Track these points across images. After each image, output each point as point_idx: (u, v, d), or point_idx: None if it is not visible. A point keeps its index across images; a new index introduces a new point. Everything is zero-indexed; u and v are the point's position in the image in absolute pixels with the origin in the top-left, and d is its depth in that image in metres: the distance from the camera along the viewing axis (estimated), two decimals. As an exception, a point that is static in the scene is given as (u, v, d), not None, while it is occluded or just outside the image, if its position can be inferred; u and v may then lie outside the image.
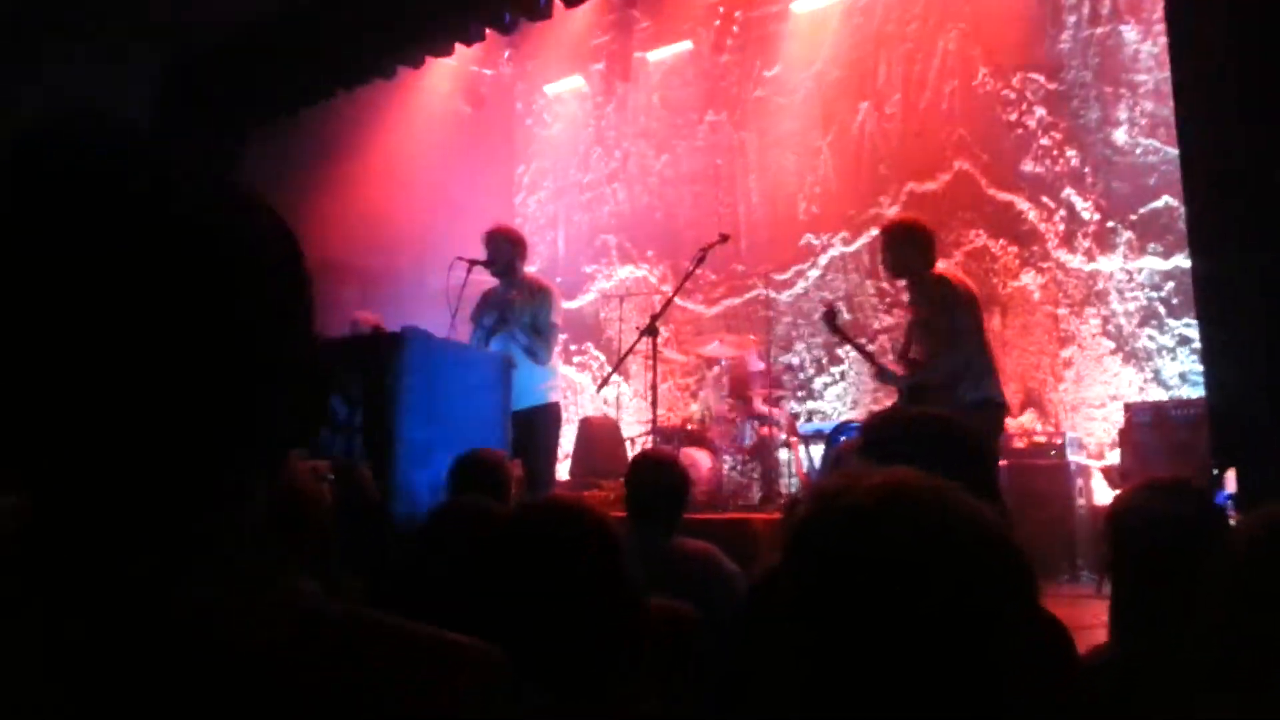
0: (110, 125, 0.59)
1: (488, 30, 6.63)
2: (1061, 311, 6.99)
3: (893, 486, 0.87)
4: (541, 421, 4.88)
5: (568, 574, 1.29)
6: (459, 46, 6.85)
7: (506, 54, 9.53)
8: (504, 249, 5.11)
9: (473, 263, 5.11)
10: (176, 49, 6.68)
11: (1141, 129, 6.74)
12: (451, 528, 1.85)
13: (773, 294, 8.17)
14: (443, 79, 8.96)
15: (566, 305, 9.05)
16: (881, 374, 4.66)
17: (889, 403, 7.35)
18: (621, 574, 1.34)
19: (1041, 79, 7.23)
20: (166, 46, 6.64)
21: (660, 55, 9.41)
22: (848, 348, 6.70)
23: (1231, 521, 1.77)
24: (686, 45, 9.24)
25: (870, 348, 5.73)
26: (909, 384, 4.43)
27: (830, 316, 4.88)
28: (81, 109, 0.59)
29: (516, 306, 5.01)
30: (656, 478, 2.87)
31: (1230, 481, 3.09)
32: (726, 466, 6.74)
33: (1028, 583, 0.86)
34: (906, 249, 4.47)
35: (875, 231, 7.89)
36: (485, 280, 5.23)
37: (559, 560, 1.30)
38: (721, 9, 8.90)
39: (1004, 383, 4.67)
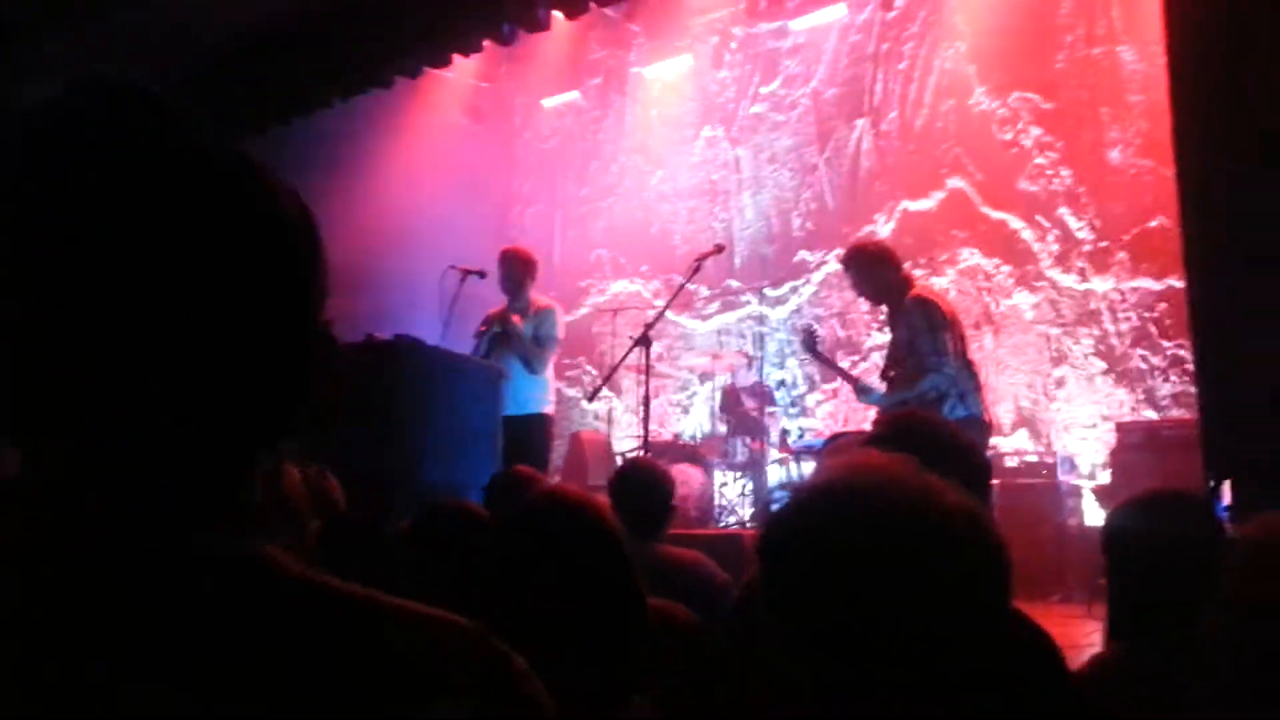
0: (136, 94, 0.59)
1: (486, 42, 6.64)
2: (1054, 331, 6.99)
3: (856, 476, 0.86)
4: (533, 430, 4.91)
5: (575, 567, 1.27)
6: (457, 58, 6.86)
7: (504, 68, 9.55)
8: (516, 269, 5.24)
9: (466, 272, 5.13)
10: (175, 57, 6.67)
11: (1136, 149, 6.77)
12: (435, 532, 1.83)
13: (766, 310, 8.17)
14: (441, 90, 8.97)
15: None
16: (863, 393, 4.63)
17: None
18: (627, 569, 1.32)
19: (1038, 98, 7.26)
20: (165, 54, 6.63)
21: (657, 70, 9.44)
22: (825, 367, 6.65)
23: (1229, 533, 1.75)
24: (684, 61, 9.27)
25: (848, 367, 5.73)
26: (891, 403, 4.42)
27: (809, 339, 4.85)
28: (106, 78, 0.59)
29: (520, 325, 5.07)
30: (642, 484, 2.86)
31: (1226, 494, 3.08)
32: (718, 482, 6.71)
33: (1001, 567, 0.84)
34: (881, 271, 4.43)
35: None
36: (478, 291, 5.24)
37: (566, 554, 1.28)
38: (719, 25, 8.93)
39: (993, 401, 4.64)
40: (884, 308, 4.72)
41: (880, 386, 4.61)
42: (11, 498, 0.56)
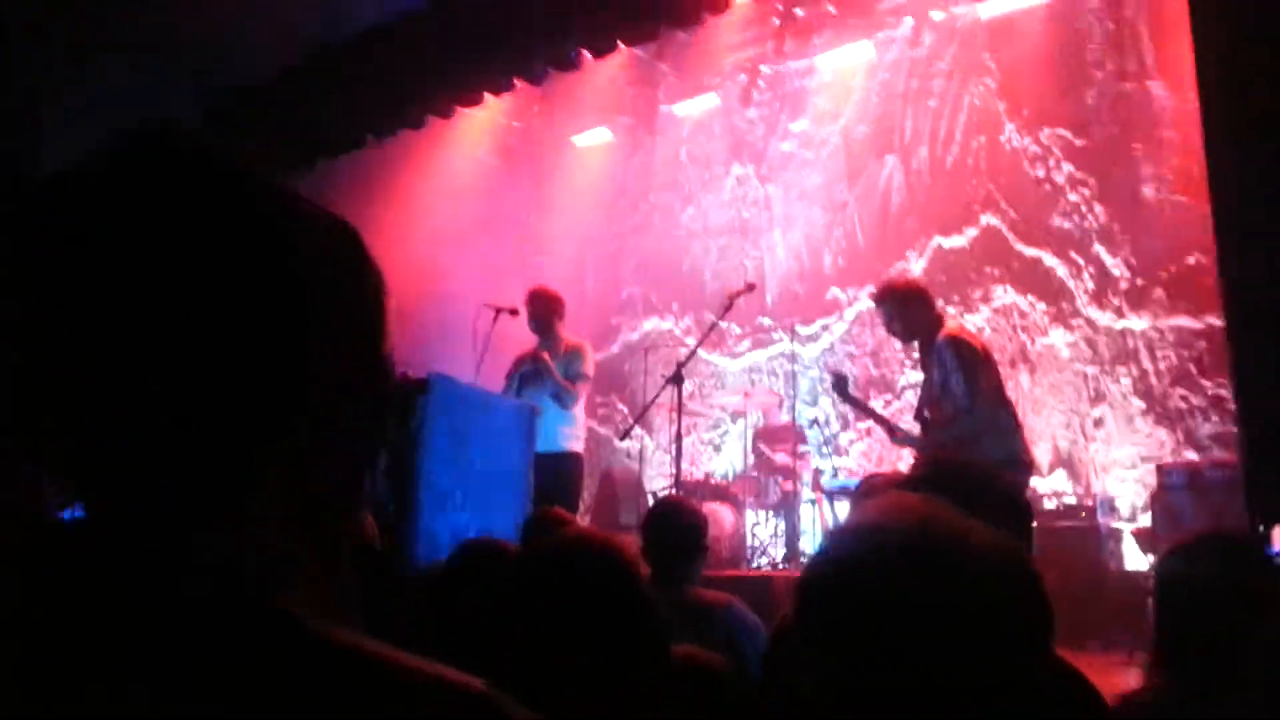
0: (188, 140, 0.61)
1: (517, 80, 6.72)
2: (1091, 370, 6.90)
3: (891, 518, 0.85)
4: (563, 468, 4.90)
5: (588, 609, 1.24)
6: (488, 96, 6.95)
7: (535, 107, 9.65)
8: (544, 307, 5.28)
9: (499, 310, 5.15)
10: (211, 93, 6.82)
11: (1169, 185, 6.71)
12: (467, 572, 1.81)
13: (798, 348, 8.14)
14: (472, 129, 9.07)
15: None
16: (898, 437, 4.55)
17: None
18: (646, 610, 1.29)
19: (1069, 134, 7.23)
20: (201, 89, 6.78)
21: (687, 109, 9.50)
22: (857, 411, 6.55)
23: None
24: (713, 99, 9.33)
25: (881, 406, 5.66)
26: (927, 445, 4.35)
27: (840, 384, 4.76)
28: (156, 124, 0.61)
29: (551, 363, 5.08)
30: (673, 523, 2.82)
31: (1277, 538, 3.00)
32: (750, 522, 6.65)
33: (1039, 609, 0.82)
34: (915, 309, 4.39)
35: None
36: (510, 329, 5.26)
37: (578, 596, 1.26)
38: (747, 63, 8.99)
39: (1031, 441, 4.56)
40: (916, 346, 4.68)
41: (914, 427, 4.54)
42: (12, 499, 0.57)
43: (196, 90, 6.73)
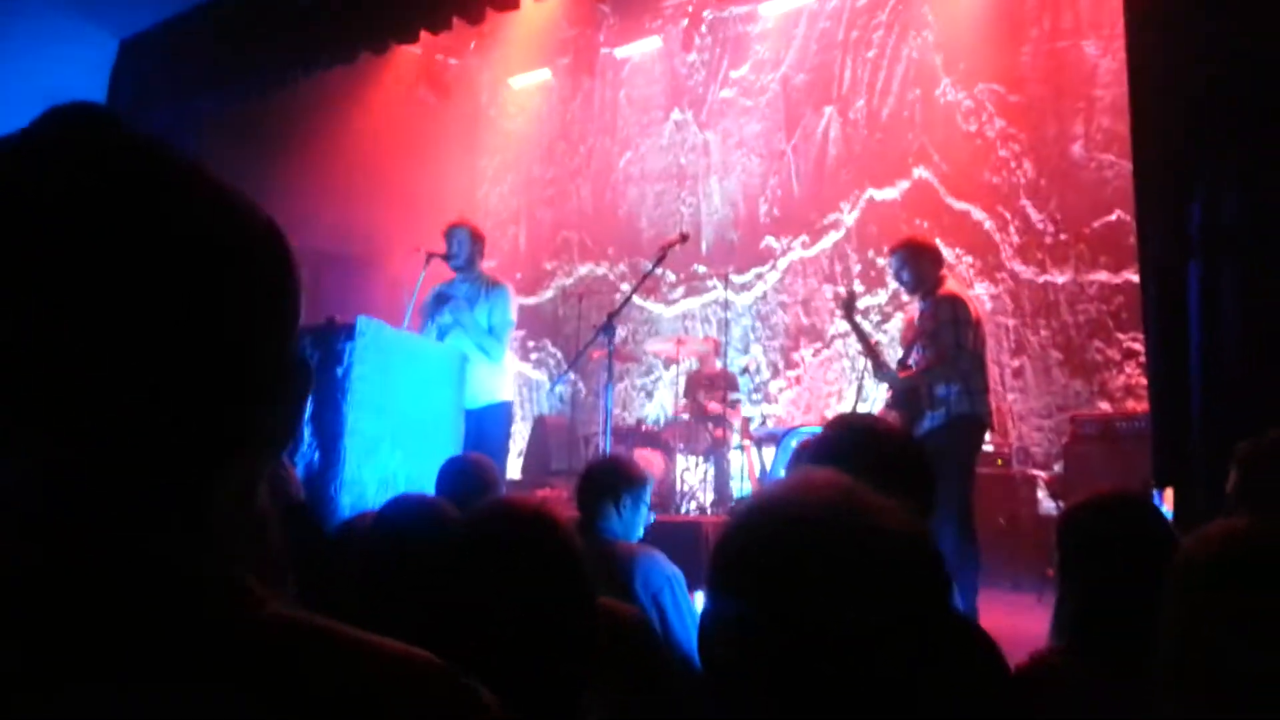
0: (101, 121, 0.60)
1: (455, 19, 6.55)
2: (1013, 322, 7.08)
3: (795, 497, 0.90)
4: (492, 420, 4.85)
5: (523, 582, 1.26)
6: (425, 34, 6.77)
7: (473, 44, 9.45)
8: (464, 243, 5.04)
9: (432, 255, 5.07)
10: (129, 28, 6.53)
11: (1098, 143, 6.85)
12: (397, 531, 1.81)
13: (731, 296, 8.20)
14: (407, 66, 8.86)
15: (526, 301, 9.03)
16: (880, 372, 4.70)
17: (841, 408, 7.41)
18: (580, 580, 1.32)
19: (1002, 90, 7.31)
20: (118, 25, 6.50)
21: (627, 51, 9.39)
22: (851, 337, 6.59)
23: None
24: (654, 42, 9.23)
25: (811, 355, 5.76)
26: (905, 386, 4.50)
27: (850, 302, 4.89)
28: (70, 105, 0.60)
29: (472, 303, 4.95)
30: (610, 477, 2.84)
31: (1168, 500, 3.15)
32: (680, 468, 6.74)
33: (934, 582, 0.88)
34: (926, 265, 4.61)
35: (837, 236, 7.97)
36: (444, 273, 5.16)
37: (513, 568, 1.27)
38: (690, 7, 8.90)
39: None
40: (911, 300, 4.85)
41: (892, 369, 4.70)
42: None
43: (111, 25, 6.44)
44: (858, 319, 4.92)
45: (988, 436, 4.77)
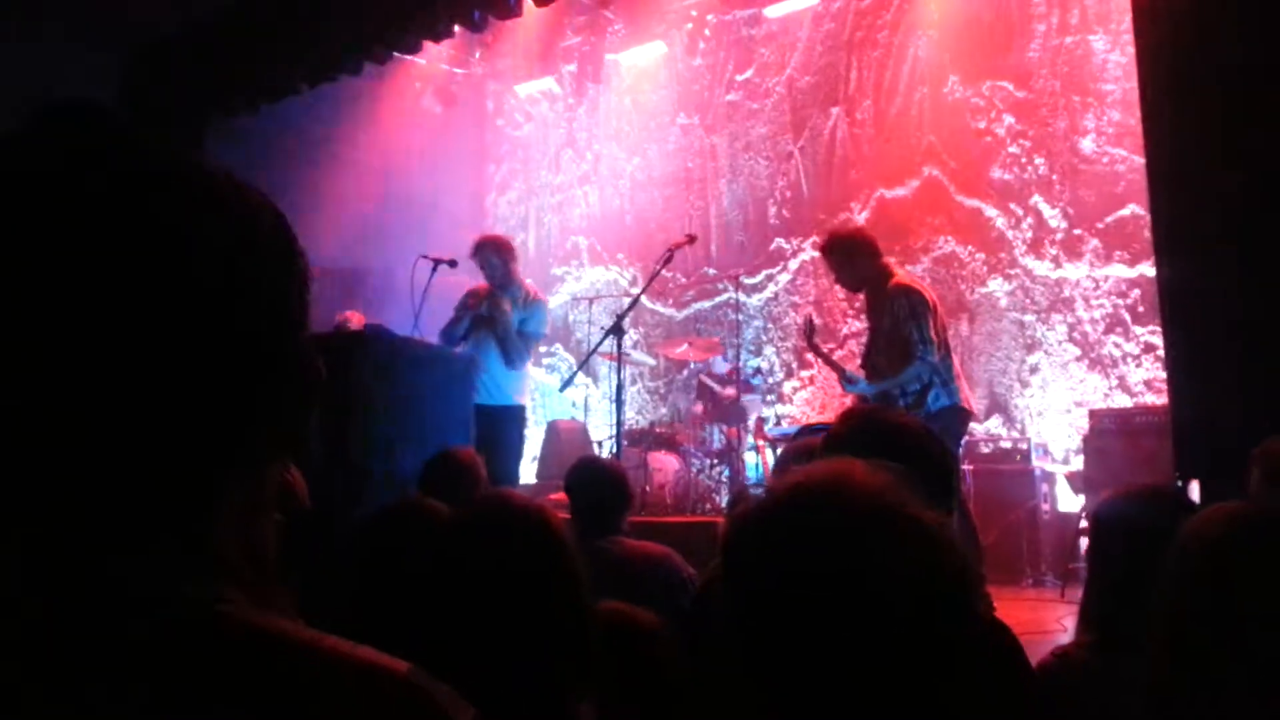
0: (94, 116, 0.58)
1: (458, 28, 6.56)
2: (1028, 318, 7.03)
3: (811, 489, 0.87)
4: (507, 421, 4.86)
5: (510, 572, 1.24)
6: (428, 44, 6.78)
7: (478, 53, 9.47)
8: (494, 257, 5.13)
9: (437, 262, 5.07)
10: (140, 37, 6.57)
11: (1109, 138, 6.80)
12: (391, 531, 1.79)
13: (742, 297, 8.17)
14: (413, 77, 8.89)
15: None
16: (849, 383, 4.65)
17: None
18: (568, 571, 1.29)
19: (1010, 87, 7.27)
20: (129, 34, 6.53)
21: (632, 58, 9.39)
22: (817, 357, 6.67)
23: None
24: (659, 48, 9.22)
25: (837, 357, 5.75)
26: (876, 392, 4.43)
27: (809, 328, 4.86)
28: (63, 101, 0.58)
29: (509, 312, 5.02)
30: (595, 478, 2.86)
31: (1194, 493, 3.09)
32: (694, 469, 6.72)
33: (960, 581, 0.85)
34: (858, 260, 4.45)
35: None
36: (449, 281, 5.19)
37: (500, 558, 1.25)
38: (694, 12, 8.89)
39: (970, 388, 4.66)
40: (862, 296, 4.73)
41: (863, 375, 4.62)
42: None
43: (122, 35, 6.47)
44: (816, 341, 4.90)
45: (1008, 429, 4.74)
